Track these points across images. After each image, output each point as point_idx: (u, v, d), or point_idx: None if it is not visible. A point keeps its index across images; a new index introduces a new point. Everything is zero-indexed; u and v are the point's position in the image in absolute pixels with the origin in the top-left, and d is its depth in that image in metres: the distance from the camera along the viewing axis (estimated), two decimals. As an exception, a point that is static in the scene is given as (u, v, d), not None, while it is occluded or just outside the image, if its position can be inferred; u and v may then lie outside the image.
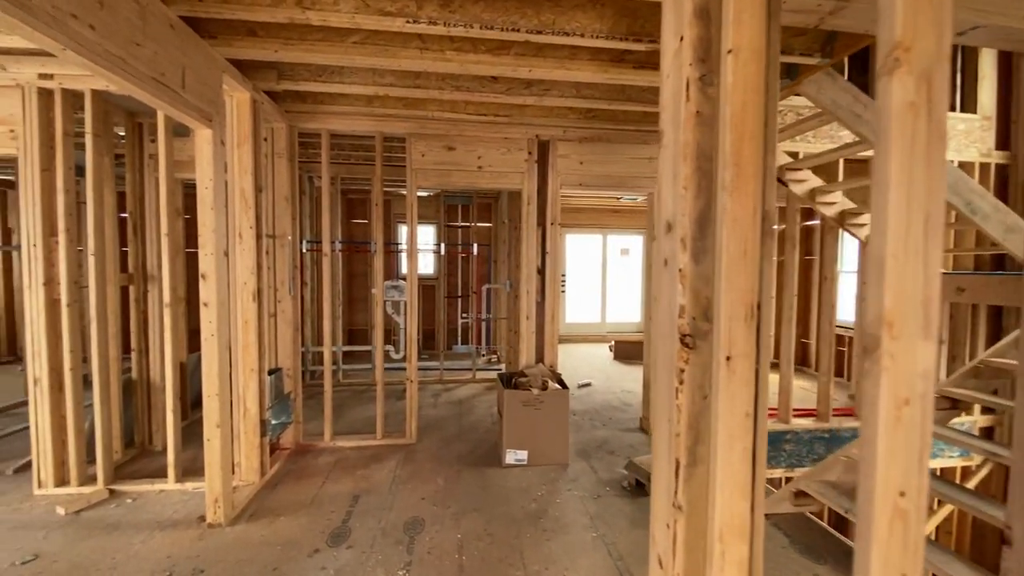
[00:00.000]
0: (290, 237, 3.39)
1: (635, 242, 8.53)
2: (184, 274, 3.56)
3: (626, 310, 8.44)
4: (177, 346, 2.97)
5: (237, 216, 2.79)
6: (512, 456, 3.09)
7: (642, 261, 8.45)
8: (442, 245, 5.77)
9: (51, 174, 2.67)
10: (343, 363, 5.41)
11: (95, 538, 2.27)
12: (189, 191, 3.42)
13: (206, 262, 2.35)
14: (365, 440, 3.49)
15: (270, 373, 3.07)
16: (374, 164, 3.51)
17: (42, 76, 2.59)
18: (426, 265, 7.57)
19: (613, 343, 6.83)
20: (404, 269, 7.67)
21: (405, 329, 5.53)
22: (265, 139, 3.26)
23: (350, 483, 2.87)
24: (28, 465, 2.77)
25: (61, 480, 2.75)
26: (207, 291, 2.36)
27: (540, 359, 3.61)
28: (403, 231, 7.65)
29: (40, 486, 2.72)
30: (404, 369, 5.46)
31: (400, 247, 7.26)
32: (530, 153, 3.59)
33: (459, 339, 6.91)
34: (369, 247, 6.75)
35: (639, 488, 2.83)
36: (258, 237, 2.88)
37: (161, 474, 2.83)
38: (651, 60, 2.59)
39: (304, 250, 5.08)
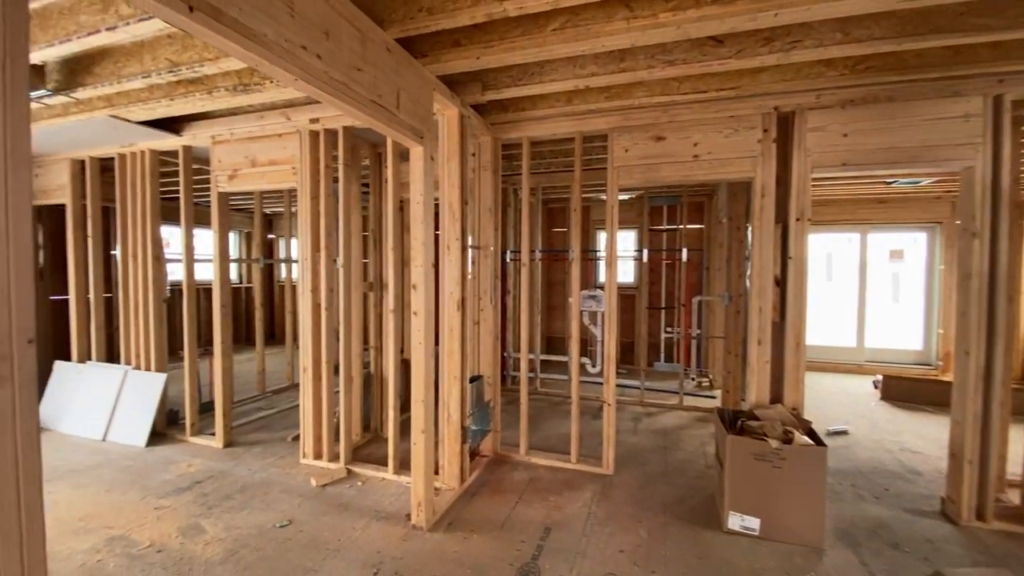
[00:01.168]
0: (492, 247, 3.43)
1: (913, 241, 6.33)
2: (410, 283, 3.98)
3: (898, 333, 6.31)
4: (399, 347, 3.30)
5: (445, 228, 2.90)
6: (737, 521, 2.41)
7: (928, 267, 6.21)
8: (644, 251, 5.24)
9: (316, 201, 3.26)
10: (540, 371, 5.41)
11: (331, 515, 2.60)
12: (414, 208, 3.83)
13: (416, 273, 2.46)
14: (559, 460, 3.28)
15: (472, 381, 3.12)
16: (573, 170, 3.28)
17: (312, 121, 3.17)
18: (625, 273, 7.12)
19: (880, 378, 5.12)
20: (602, 277, 7.42)
21: (602, 342, 5.21)
22: (473, 154, 3.38)
23: (542, 510, 2.67)
24: (299, 436, 3.43)
25: (317, 454, 3.31)
26: (417, 300, 2.47)
27: (777, 398, 2.79)
28: (602, 238, 7.38)
29: (304, 456, 3.32)
30: (600, 384, 5.15)
31: (598, 254, 6.99)
32: (765, 131, 2.83)
33: (661, 355, 6.22)
34: (567, 255, 6.72)
35: (958, 620, 1.83)
36: (463, 248, 2.95)
37: (385, 462, 3.14)
38: (995, -47, 1.65)
39: (507, 260, 5.27)
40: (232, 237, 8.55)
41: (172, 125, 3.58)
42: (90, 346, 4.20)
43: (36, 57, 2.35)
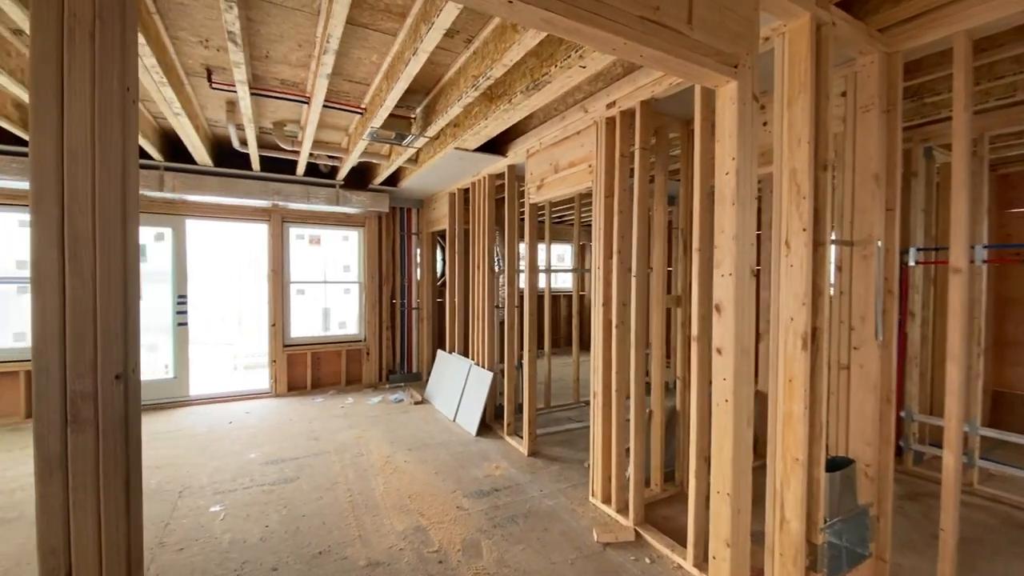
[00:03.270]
0: (880, 243, 2.03)
1: None
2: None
3: None
4: (708, 382, 2.39)
5: (782, 213, 1.83)
6: None
7: None
8: None
9: (611, 199, 2.77)
10: (981, 454, 3.13)
11: (602, 597, 2.02)
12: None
13: (722, 286, 1.57)
14: None
15: (832, 467, 1.89)
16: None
17: (608, 107, 2.71)
18: None
19: None
20: None
21: None
22: (843, 94, 2.12)
23: None
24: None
25: (606, 496, 2.80)
26: (722, 331, 1.57)
27: None
28: None
29: (592, 495, 2.88)
30: None
31: None
32: None
33: None
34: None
35: None
36: (816, 245, 1.80)
37: (685, 535, 2.32)
38: None
39: (911, 263, 3.33)
40: (566, 249, 9.36)
41: (498, 148, 3.90)
42: (455, 341, 5.18)
43: (391, 103, 2.83)
